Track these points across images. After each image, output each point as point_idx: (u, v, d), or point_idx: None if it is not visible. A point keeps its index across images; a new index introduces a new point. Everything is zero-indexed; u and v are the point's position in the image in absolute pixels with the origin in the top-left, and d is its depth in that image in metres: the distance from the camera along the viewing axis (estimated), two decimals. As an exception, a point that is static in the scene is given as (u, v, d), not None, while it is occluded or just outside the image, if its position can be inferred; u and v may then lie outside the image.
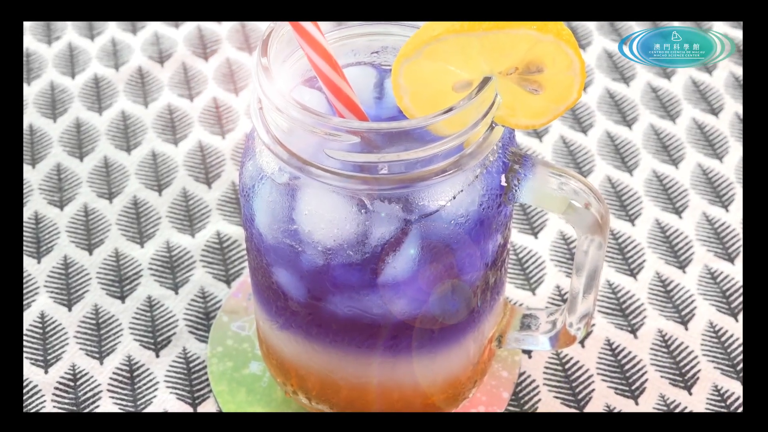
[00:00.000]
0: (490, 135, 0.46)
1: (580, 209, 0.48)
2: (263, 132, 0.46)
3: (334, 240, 0.46)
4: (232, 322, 0.60)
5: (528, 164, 0.48)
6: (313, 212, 0.46)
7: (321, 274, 0.48)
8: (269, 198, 0.47)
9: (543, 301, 0.62)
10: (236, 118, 0.73)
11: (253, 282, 0.54)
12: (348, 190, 0.45)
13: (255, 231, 0.49)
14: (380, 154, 0.44)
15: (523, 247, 0.64)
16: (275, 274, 0.50)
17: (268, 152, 0.47)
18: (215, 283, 0.62)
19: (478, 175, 0.47)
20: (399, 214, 0.46)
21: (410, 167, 0.45)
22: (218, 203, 0.67)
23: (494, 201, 0.48)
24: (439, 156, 0.45)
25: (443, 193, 0.46)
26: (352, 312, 0.49)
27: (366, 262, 0.47)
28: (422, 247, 0.46)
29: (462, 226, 0.47)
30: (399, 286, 0.47)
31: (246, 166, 0.49)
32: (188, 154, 0.70)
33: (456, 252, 0.47)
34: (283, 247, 0.48)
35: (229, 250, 0.64)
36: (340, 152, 0.44)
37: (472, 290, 0.50)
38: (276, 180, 0.47)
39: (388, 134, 0.44)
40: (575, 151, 0.70)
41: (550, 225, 0.66)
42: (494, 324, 0.54)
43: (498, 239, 0.50)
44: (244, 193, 0.49)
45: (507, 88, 0.46)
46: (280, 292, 0.50)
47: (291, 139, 0.45)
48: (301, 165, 0.45)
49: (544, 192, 0.48)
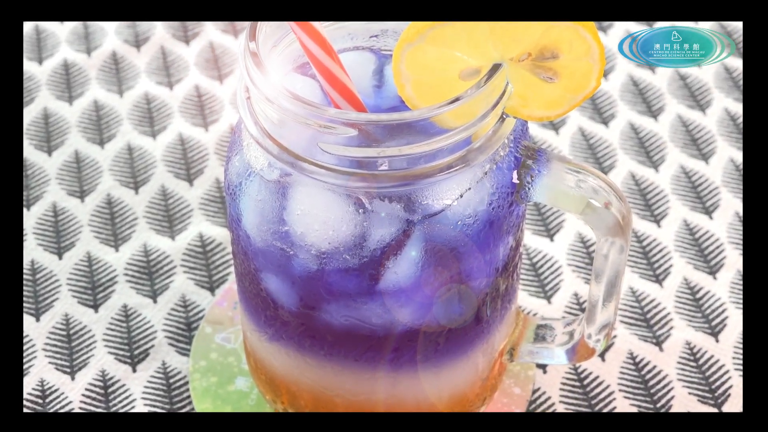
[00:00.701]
0: (500, 127, 0.47)
1: (600, 209, 0.48)
2: (251, 124, 0.47)
3: (329, 243, 0.47)
4: (217, 334, 0.60)
5: (542, 159, 0.48)
6: (306, 212, 0.47)
7: (315, 280, 0.48)
8: (258, 197, 0.48)
9: (559, 311, 0.62)
10: (221, 108, 0.73)
11: (239, 289, 0.54)
12: (344, 188, 0.46)
13: (242, 233, 0.50)
14: (380, 148, 0.45)
15: (538, 251, 0.65)
16: (264, 280, 0.50)
17: (256, 146, 0.47)
18: (198, 291, 0.63)
19: (488, 171, 0.47)
20: (400, 215, 0.46)
21: (413, 163, 0.45)
22: (201, 202, 0.68)
23: (505, 200, 0.48)
24: (445, 150, 0.45)
25: (449, 192, 0.47)
26: (348, 322, 0.49)
27: (364, 267, 0.47)
28: (426, 251, 0.47)
29: (470, 227, 0.47)
30: (400, 294, 0.48)
31: (232, 162, 0.50)
32: (168, 147, 0.71)
33: (463, 256, 0.48)
34: (272, 251, 0.48)
35: (213, 254, 0.65)
36: (336, 146, 0.45)
37: (481, 298, 0.51)
38: (265, 177, 0.47)
39: (388, 126, 0.44)
40: (595, 145, 0.71)
41: (567, 226, 0.66)
42: (505, 335, 0.55)
43: (509, 242, 0.50)
44: (230, 191, 0.50)
45: (519, 76, 0.46)
46: (270, 300, 0.51)
47: (282, 131, 0.46)
48: (292, 160, 0.46)
49: (560, 190, 0.48)
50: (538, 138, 0.71)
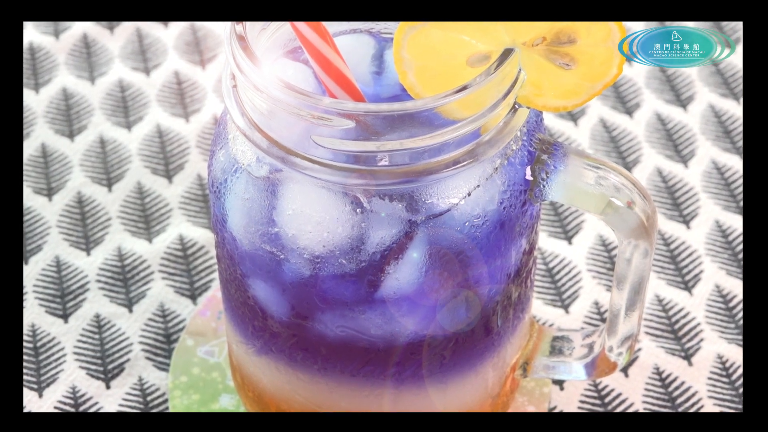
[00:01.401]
0: (512, 119, 0.47)
1: (622, 209, 0.49)
2: (238, 115, 0.47)
3: (323, 246, 0.47)
4: (199, 347, 0.61)
5: (559, 154, 0.49)
6: (299, 212, 0.47)
7: (308, 287, 0.48)
8: (245, 195, 0.48)
9: (578, 321, 0.63)
10: (203, 96, 0.74)
11: (224, 297, 0.55)
12: (340, 186, 0.46)
13: (227, 235, 0.50)
14: (379, 141, 0.45)
15: (554, 255, 0.65)
16: (252, 287, 0.51)
17: (243, 139, 0.48)
18: (178, 299, 0.64)
19: (498, 167, 0.48)
20: (402, 215, 0.47)
21: (416, 158, 0.46)
22: (181, 201, 0.68)
23: (518, 198, 0.49)
24: (451, 144, 0.46)
25: (455, 190, 0.47)
26: (345, 333, 0.50)
27: (362, 273, 0.48)
28: (430, 255, 0.47)
29: (478, 228, 0.48)
30: (402, 302, 0.49)
31: (216, 157, 0.50)
32: (144, 140, 0.71)
33: (471, 260, 0.48)
34: (261, 255, 0.49)
35: (194, 258, 0.65)
36: (331, 140, 0.45)
37: (491, 307, 0.51)
38: (253, 173, 0.48)
39: (388, 118, 0.45)
40: (618, 138, 0.71)
41: (587, 228, 0.67)
42: (518, 348, 0.56)
43: (522, 245, 0.51)
44: (215, 188, 0.50)
45: (533, 62, 0.47)
46: (258, 309, 0.51)
47: (272, 123, 0.46)
48: (283, 155, 0.46)
49: (578, 188, 0.49)
50: (554, 130, 0.72)
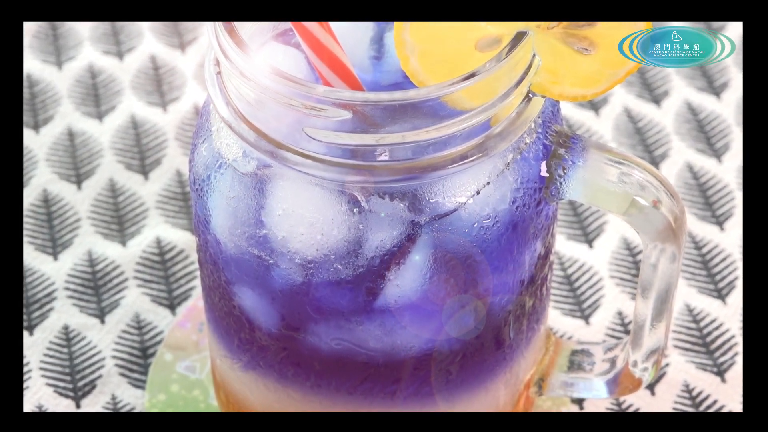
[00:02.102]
0: (525, 109, 0.48)
1: (647, 208, 0.49)
2: (222, 105, 0.48)
3: (316, 249, 0.47)
4: (179, 362, 0.61)
5: (577, 148, 0.49)
6: (290, 212, 0.47)
7: (300, 295, 0.49)
8: (230, 193, 0.48)
9: (599, 333, 0.63)
10: (182, 83, 0.74)
11: (207, 307, 0.55)
12: (336, 183, 0.46)
13: (210, 237, 0.50)
14: (379, 134, 0.45)
15: (573, 260, 0.66)
16: (238, 295, 0.51)
17: (228, 132, 0.48)
18: (155, 309, 0.64)
19: (510, 162, 0.48)
20: (404, 215, 0.47)
21: (419, 152, 0.46)
22: (159, 200, 0.69)
23: (532, 197, 0.49)
24: (458, 137, 0.46)
25: (463, 187, 0.47)
26: (341, 347, 0.50)
27: (360, 280, 0.48)
28: (435, 259, 0.48)
29: (488, 230, 0.48)
30: (404, 312, 0.49)
31: (198, 151, 0.50)
32: (117, 132, 0.72)
33: (480, 266, 0.48)
34: (248, 260, 0.49)
35: (173, 263, 0.66)
36: (326, 132, 0.45)
37: (503, 317, 0.51)
38: (239, 169, 0.48)
39: (389, 108, 0.45)
40: (644, 130, 0.71)
41: (609, 230, 0.67)
42: (532, 363, 0.56)
43: (537, 249, 0.51)
44: (196, 186, 0.50)
45: (548, 47, 0.47)
46: (245, 320, 0.51)
47: (260, 114, 0.46)
48: (273, 149, 0.46)
49: (599, 185, 0.49)
50: (573, 121, 0.72)
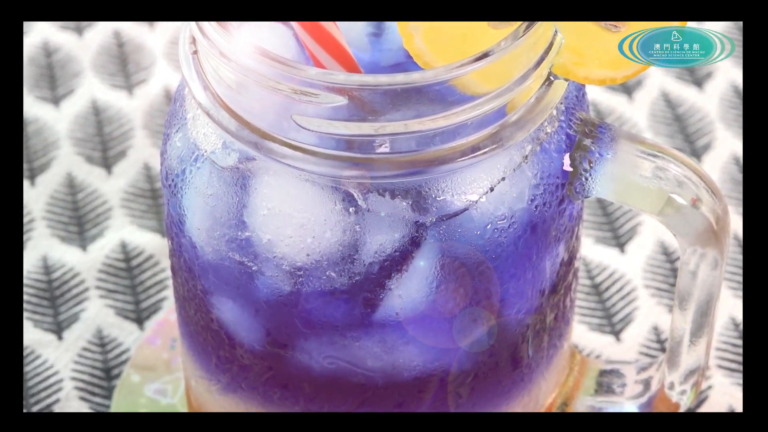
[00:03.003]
0: (546, 94, 0.48)
1: (686, 208, 0.49)
2: (199, 89, 0.48)
3: (307, 254, 0.48)
4: (148, 383, 0.61)
5: (605, 138, 0.49)
6: (276, 212, 0.48)
7: (287, 307, 0.49)
8: (208, 190, 0.49)
9: (631, 351, 0.63)
10: (151, 62, 0.74)
11: (180, 321, 0.55)
12: (329, 179, 0.47)
13: (185, 241, 0.50)
14: (378, 122, 0.45)
15: (602, 267, 0.66)
16: (216, 307, 0.51)
17: (206, 120, 0.48)
18: (120, 323, 0.64)
19: (529, 155, 0.48)
20: (407, 215, 0.47)
21: (424, 143, 0.46)
22: (124, 198, 0.69)
23: (553, 195, 0.49)
24: (469, 126, 0.46)
25: (475, 184, 0.48)
26: (335, 366, 0.50)
27: (356, 289, 0.48)
28: (442, 266, 0.48)
29: (503, 233, 0.48)
30: (407, 326, 0.49)
31: (171, 141, 0.50)
32: (76, 119, 0.72)
33: (494, 273, 0.49)
34: (229, 266, 0.49)
35: (141, 271, 0.66)
36: (318, 120, 0.46)
37: (520, 332, 0.52)
38: (218, 162, 0.48)
39: (390, 93, 0.45)
40: (684, 117, 0.71)
41: (644, 231, 0.67)
42: (554, 385, 0.56)
43: (560, 254, 0.51)
44: (169, 182, 0.50)
45: (572, 23, 0.47)
46: (225, 336, 0.52)
47: (242, 99, 0.47)
48: (257, 139, 0.47)
49: (630, 181, 0.49)
50: (602, 107, 0.72)
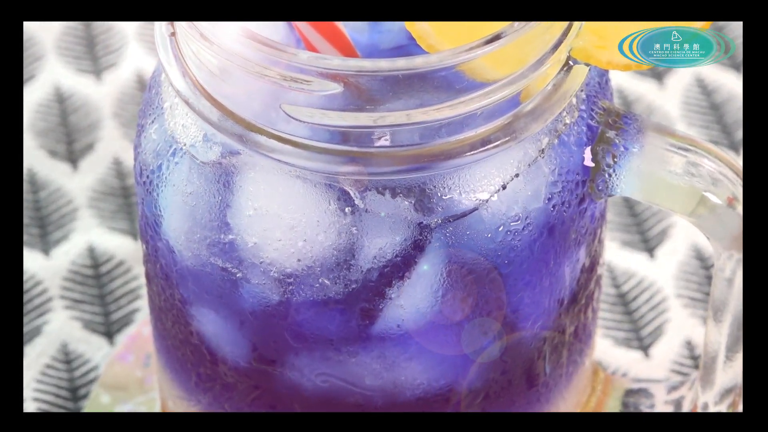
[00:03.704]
0: (565, 80, 0.48)
1: (721, 208, 0.49)
2: (177, 75, 0.48)
3: (298, 260, 0.48)
4: (119, 405, 0.61)
5: (631, 129, 0.49)
6: (263, 212, 0.48)
7: (276, 318, 0.49)
8: (187, 188, 0.49)
9: (661, 367, 0.64)
10: (122, 45, 0.75)
11: (156, 334, 0.55)
12: (323, 175, 0.47)
13: (162, 245, 0.51)
14: (378, 113, 0.46)
15: (628, 274, 0.66)
16: (197, 318, 0.51)
17: (185, 109, 0.49)
18: (87, 337, 0.64)
19: (546, 148, 0.48)
20: (409, 216, 0.47)
21: (429, 136, 0.46)
22: (92, 196, 0.69)
23: (573, 193, 0.49)
24: (479, 117, 0.46)
25: (485, 181, 0.48)
26: (328, 385, 0.51)
27: (353, 299, 0.48)
28: (449, 273, 0.48)
29: (517, 235, 0.48)
30: (409, 340, 0.49)
31: (146, 134, 0.51)
32: (39, 108, 0.72)
33: (507, 281, 0.49)
34: (210, 273, 0.49)
35: (111, 278, 0.66)
36: (310, 110, 0.46)
37: (536, 347, 0.52)
38: (199, 157, 0.49)
39: (390, 79, 0.45)
40: (721, 105, 0.71)
41: (676, 234, 0.68)
42: (575, 406, 0.57)
43: (580, 259, 0.52)
44: (143, 179, 0.51)
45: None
46: (206, 351, 0.52)
47: (226, 87, 0.47)
48: (242, 131, 0.47)
49: (658, 178, 0.49)
50: (628, 95, 0.72)
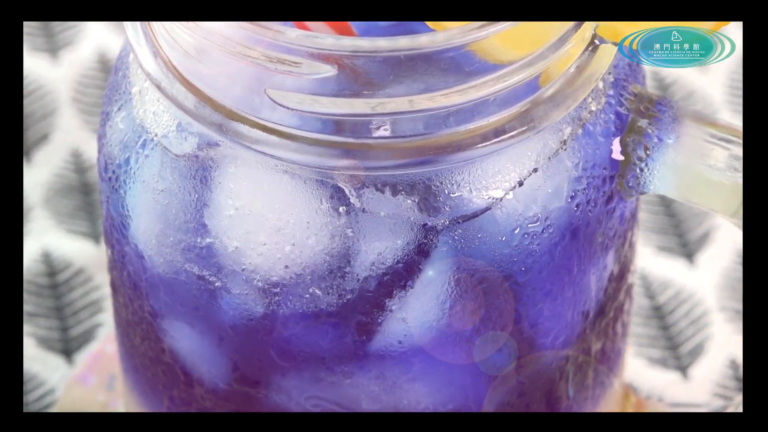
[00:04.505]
0: (590, 62, 0.48)
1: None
2: (147, 55, 0.48)
3: (285, 266, 0.48)
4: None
5: (666, 118, 0.50)
6: (245, 212, 0.48)
7: (260, 334, 0.49)
8: (158, 185, 0.49)
9: (703, 390, 0.64)
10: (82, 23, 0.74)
11: (121, 352, 0.56)
12: (313, 170, 0.47)
13: (129, 250, 0.51)
14: (377, 98, 0.46)
15: (665, 283, 0.67)
16: (170, 334, 0.52)
17: (156, 95, 0.49)
18: (42, 356, 0.65)
19: (568, 140, 0.49)
20: (413, 216, 0.48)
21: (435, 125, 0.47)
22: (47, 195, 0.70)
23: (599, 191, 0.50)
24: (492, 103, 0.47)
25: (499, 176, 0.48)
26: (320, 409, 0.51)
27: (348, 311, 0.49)
28: (458, 281, 0.49)
29: (536, 239, 0.49)
30: (412, 359, 0.50)
31: (112, 122, 0.51)
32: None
33: (524, 291, 0.49)
34: (185, 282, 0.50)
35: (69, 288, 0.67)
36: (299, 95, 0.46)
37: (558, 367, 0.52)
38: (172, 149, 0.49)
39: (392, 61, 0.46)
40: None
41: (720, 238, 0.68)
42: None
43: (608, 266, 0.52)
44: (109, 174, 0.51)
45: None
46: (179, 371, 0.52)
47: (203, 69, 0.47)
48: (221, 120, 0.47)
49: (697, 173, 0.50)
50: (664, 78, 0.72)
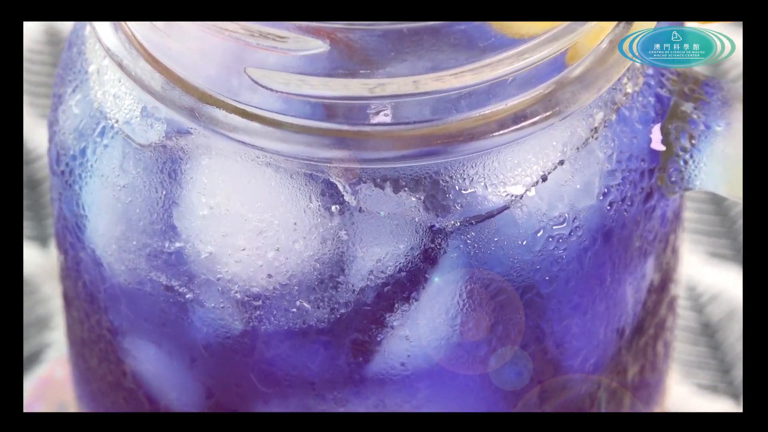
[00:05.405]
0: (625, 35, 0.49)
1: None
2: (107, 29, 0.49)
3: (268, 275, 0.49)
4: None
5: (715, 102, 0.51)
6: (221, 212, 0.49)
7: (239, 354, 0.50)
8: (120, 179, 0.50)
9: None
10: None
11: (76, 376, 0.57)
12: (301, 162, 0.48)
13: (85, 256, 0.52)
14: (375, 79, 0.46)
15: (715, 296, 0.68)
16: (132, 355, 0.52)
17: (117, 74, 0.50)
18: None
19: (599, 127, 0.49)
20: (418, 216, 0.48)
21: (443, 110, 0.47)
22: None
23: (637, 187, 0.50)
24: (510, 84, 0.47)
25: (519, 170, 0.49)
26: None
27: (342, 328, 0.49)
28: (470, 292, 0.49)
29: (562, 243, 0.50)
30: (417, 383, 0.50)
31: (65, 107, 0.52)
32: None
33: (548, 304, 0.50)
34: (151, 293, 0.50)
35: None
36: (284, 75, 0.47)
37: (590, 391, 0.53)
38: (136, 138, 0.50)
39: (393, 35, 0.46)
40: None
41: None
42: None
43: (647, 275, 0.53)
44: (61, 167, 0.52)
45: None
46: (144, 398, 0.53)
47: (172, 44, 0.48)
48: (193, 103, 0.48)
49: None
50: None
